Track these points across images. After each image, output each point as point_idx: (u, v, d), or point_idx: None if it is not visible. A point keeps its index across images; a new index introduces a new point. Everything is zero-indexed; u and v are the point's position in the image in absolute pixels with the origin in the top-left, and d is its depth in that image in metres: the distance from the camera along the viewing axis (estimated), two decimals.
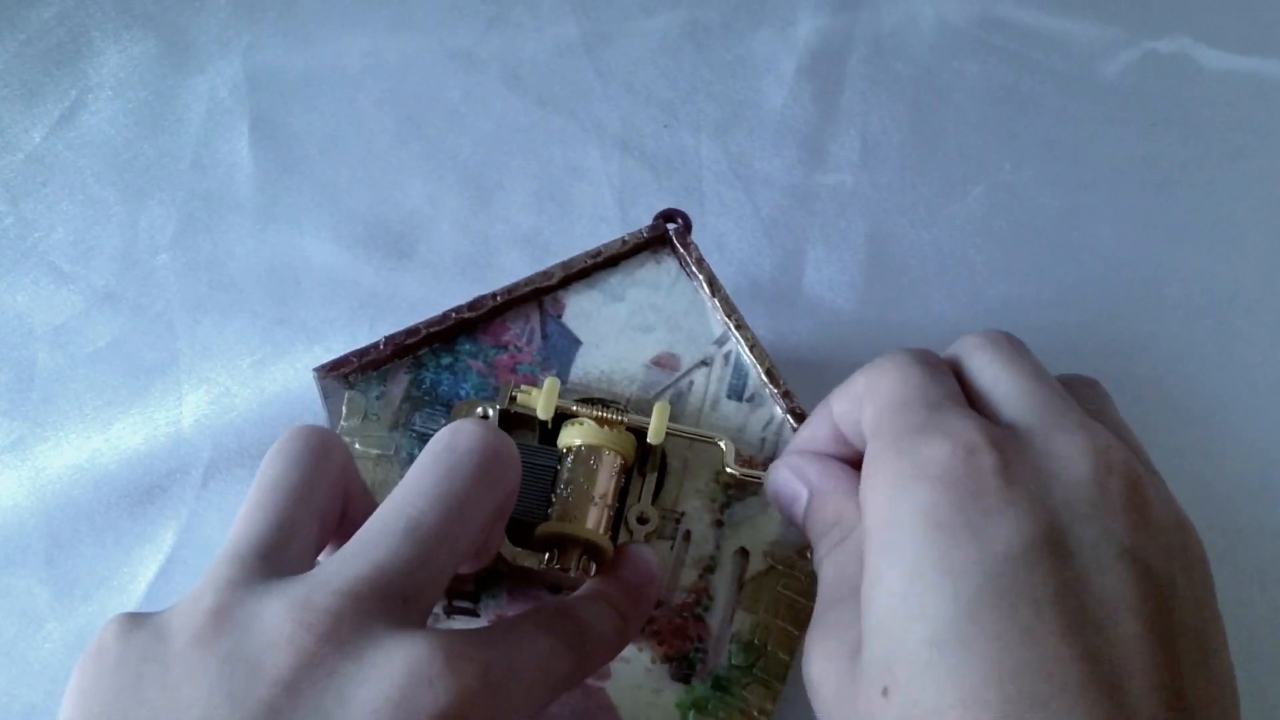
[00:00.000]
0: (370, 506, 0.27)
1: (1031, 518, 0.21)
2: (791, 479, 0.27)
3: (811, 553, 0.28)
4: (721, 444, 0.30)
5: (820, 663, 0.24)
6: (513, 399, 0.31)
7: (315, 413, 0.42)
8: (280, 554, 0.23)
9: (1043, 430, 0.23)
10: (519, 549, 0.30)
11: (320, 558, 0.26)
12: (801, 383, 0.35)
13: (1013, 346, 0.26)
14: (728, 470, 0.30)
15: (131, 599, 0.39)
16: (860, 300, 0.46)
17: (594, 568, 0.29)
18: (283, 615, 0.21)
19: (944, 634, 0.20)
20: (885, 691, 0.21)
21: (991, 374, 0.25)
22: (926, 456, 0.22)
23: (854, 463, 0.27)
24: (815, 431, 0.28)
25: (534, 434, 0.32)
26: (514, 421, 0.32)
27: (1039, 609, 0.20)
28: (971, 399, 0.25)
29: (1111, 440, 0.23)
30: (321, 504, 0.25)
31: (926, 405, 0.24)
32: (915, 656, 0.21)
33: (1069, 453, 0.22)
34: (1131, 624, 0.20)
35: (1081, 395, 0.26)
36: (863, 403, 0.26)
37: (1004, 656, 0.20)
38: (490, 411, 0.32)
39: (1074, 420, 0.23)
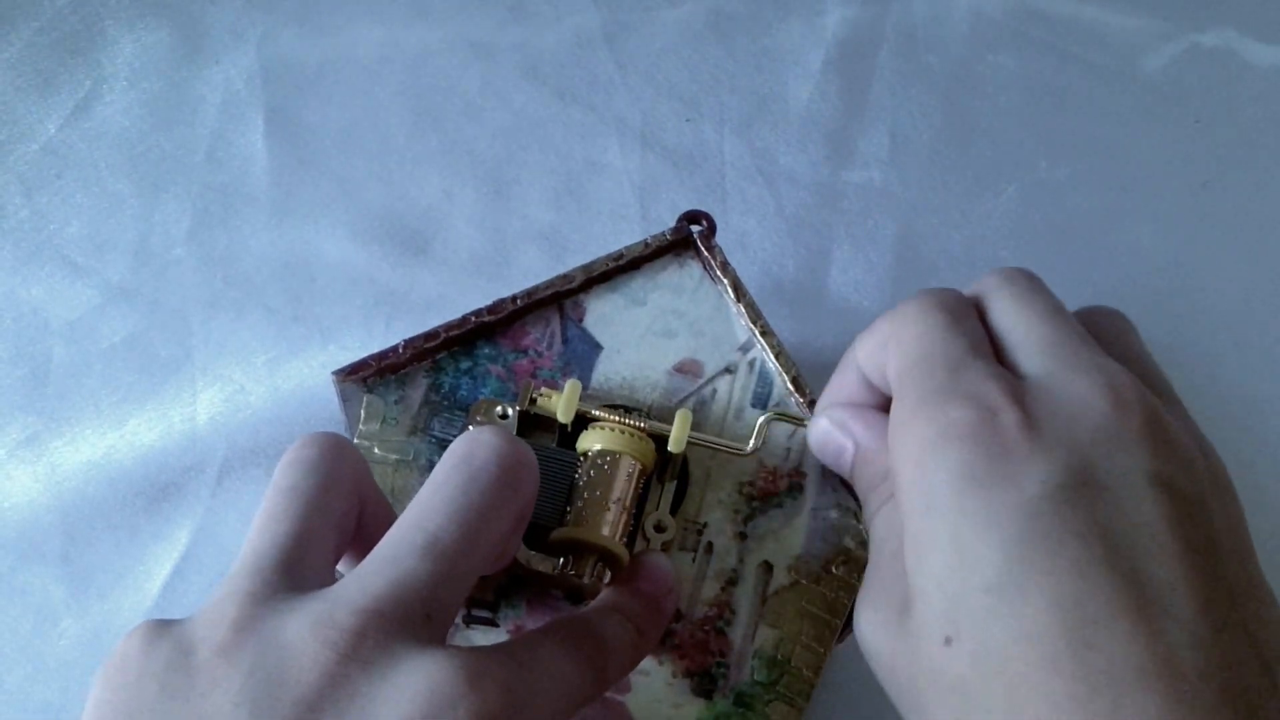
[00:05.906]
0: (386, 512, 0.27)
1: (1060, 458, 0.22)
2: (836, 433, 0.28)
3: (861, 507, 0.28)
4: (746, 447, 0.30)
5: (872, 621, 0.25)
6: (533, 401, 0.30)
7: (331, 411, 0.41)
8: (299, 566, 0.23)
9: (1060, 374, 0.24)
10: (534, 553, 0.29)
11: (338, 566, 0.26)
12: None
13: (1030, 284, 0.26)
14: (773, 412, 0.30)
15: (147, 597, 0.39)
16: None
17: (609, 575, 0.28)
18: (306, 632, 0.21)
19: (998, 579, 0.21)
20: (948, 641, 0.22)
21: (1010, 317, 0.25)
22: (952, 419, 0.23)
23: (886, 407, 0.27)
24: (844, 379, 0.28)
25: (553, 436, 0.31)
26: (534, 423, 0.31)
27: (1084, 541, 0.21)
28: (993, 340, 0.26)
29: (1124, 375, 0.23)
30: (338, 512, 0.25)
31: (947, 365, 0.24)
32: (975, 604, 0.22)
33: (1085, 393, 0.23)
34: (1170, 543, 0.21)
35: (1102, 328, 0.26)
36: (887, 351, 0.26)
37: (1059, 589, 0.21)
38: (510, 411, 0.31)
39: (1088, 360, 0.24)
